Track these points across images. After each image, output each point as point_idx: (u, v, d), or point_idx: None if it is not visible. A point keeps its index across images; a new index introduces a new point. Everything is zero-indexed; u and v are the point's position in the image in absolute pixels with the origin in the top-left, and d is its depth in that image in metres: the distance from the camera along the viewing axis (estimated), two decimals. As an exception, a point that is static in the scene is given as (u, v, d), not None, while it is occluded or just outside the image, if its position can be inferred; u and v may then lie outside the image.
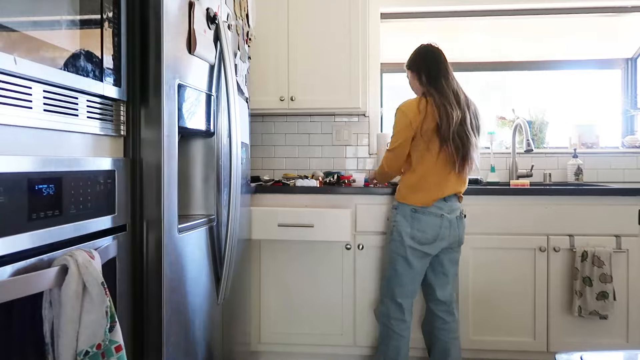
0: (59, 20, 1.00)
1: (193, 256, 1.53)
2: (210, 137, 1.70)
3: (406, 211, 2.04)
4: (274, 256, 2.42)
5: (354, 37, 2.65)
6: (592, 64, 3.13)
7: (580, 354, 1.23)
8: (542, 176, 2.92)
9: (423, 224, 2.01)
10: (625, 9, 3.00)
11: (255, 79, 2.63)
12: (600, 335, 2.28)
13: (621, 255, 2.27)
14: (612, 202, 2.28)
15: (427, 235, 2.01)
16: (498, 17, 3.09)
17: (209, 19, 1.60)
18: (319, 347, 2.42)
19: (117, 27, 1.22)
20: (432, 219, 2.01)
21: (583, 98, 3.15)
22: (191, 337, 1.52)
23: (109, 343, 1.00)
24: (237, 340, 2.07)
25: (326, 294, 2.40)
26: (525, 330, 2.32)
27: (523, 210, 2.31)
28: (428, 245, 2.02)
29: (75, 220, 1.05)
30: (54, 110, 1.00)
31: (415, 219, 2.02)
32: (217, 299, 1.73)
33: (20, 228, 0.89)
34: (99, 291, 0.98)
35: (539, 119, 3.06)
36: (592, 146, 2.98)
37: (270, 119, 3.08)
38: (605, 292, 2.21)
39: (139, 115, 1.31)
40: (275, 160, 3.11)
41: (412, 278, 2.06)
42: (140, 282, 1.32)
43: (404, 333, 2.08)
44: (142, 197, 1.32)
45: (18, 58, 0.88)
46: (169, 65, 1.34)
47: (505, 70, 3.22)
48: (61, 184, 1.00)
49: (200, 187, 1.71)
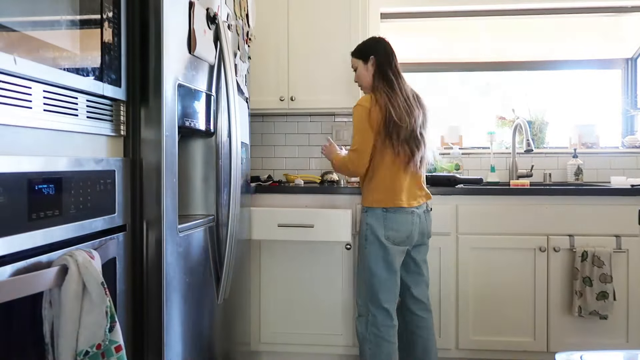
0: (59, 20, 1.00)
1: (193, 256, 1.53)
2: (210, 137, 1.70)
3: (377, 212, 1.98)
4: (274, 256, 2.42)
5: (353, 37, 2.64)
6: (592, 64, 3.13)
7: (580, 354, 1.24)
8: (542, 176, 2.92)
9: (396, 223, 1.97)
10: (625, 9, 3.00)
11: (255, 79, 2.63)
12: (600, 335, 2.28)
13: (621, 255, 2.27)
14: (612, 202, 2.28)
15: (401, 233, 1.97)
16: (498, 17, 3.09)
17: (209, 19, 1.60)
18: (319, 347, 2.42)
19: (117, 27, 1.22)
20: (404, 216, 1.97)
21: (583, 98, 3.15)
22: (191, 337, 1.52)
23: (108, 343, 1.00)
24: (237, 340, 2.07)
25: (326, 294, 2.40)
26: (525, 330, 2.32)
27: (523, 210, 2.31)
28: (402, 244, 1.99)
29: (75, 220, 1.05)
30: (54, 110, 1.00)
31: (387, 219, 1.97)
32: (217, 299, 1.73)
33: (20, 228, 0.89)
34: (98, 291, 0.98)
35: (539, 119, 3.06)
36: (592, 146, 2.98)
37: (270, 119, 3.08)
38: (605, 292, 2.21)
39: (139, 115, 1.31)
40: (275, 160, 3.10)
41: (395, 280, 2.00)
42: (140, 282, 1.31)
43: (394, 339, 2.00)
44: (142, 197, 1.32)
45: (18, 58, 0.88)
46: (169, 65, 1.34)
47: (505, 70, 3.22)
48: (61, 184, 1.00)
49: (200, 187, 1.71)
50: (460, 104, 3.24)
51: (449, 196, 2.35)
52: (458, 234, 2.35)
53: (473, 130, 3.19)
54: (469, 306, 2.34)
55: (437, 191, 2.32)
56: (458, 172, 2.87)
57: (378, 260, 1.98)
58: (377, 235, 1.97)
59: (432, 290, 2.28)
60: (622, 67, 3.12)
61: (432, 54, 3.23)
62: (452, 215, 2.35)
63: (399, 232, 1.97)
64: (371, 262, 1.99)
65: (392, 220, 1.97)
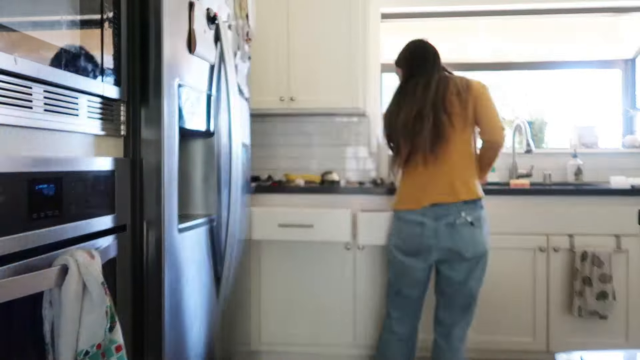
0: (59, 20, 1.00)
1: (193, 256, 1.53)
2: (210, 137, 1.70)
3: (393, 218, 1.96)
4: (274, 256, 2.42)
5: (353, 37, 2.65)
6: (592, 64, 3.13)
7: (580, 354, 1.24)
8: (542, 176, 2.92)
9: (403, 234, 1.89)
10: (625, 9, 3.00)
11: (255, 79, 2.63)
12: (600, 335, 2.28)
13: (621, 255, 2.27)
14: (612, 202, 2.28)
15: (409, 245, 1.86)
16: (498, 17, 3.09)
17: (209, 19, 1.60)
18: (319, 346, 2.42)
19: (117, 27, 1.22)
20: (411, 228, 1.85)
21: (583, 98, 3.15)
22: (191, 337, 1.52)
23: (109, 343, 1.00)
24: (237, 340, 2.07)
25: (326, 294, 2.40)
26: (525, 330, 2.32)
27: (523, 210, 2.31)
28: (414, 257, 1.87)
29: (75, 220, 1.05)
30: (54, 110, 1.00)
31: (396, 227, 1.92)
32: (217, 299, 1.73)
33: (20, 228, 0.89)
34: (99, 291, 0.98)
35: (539, 119, 3.06)
36: (592, 146, 2.98)
37: (270, 119, 3.08)
38: (605, 292, 2.21)
39: (139, 115, 1.31)
40: (275, 160, 3.10)
41: (399, 288, 1.95)
42: (140, 282, 1.31)
43: (390, 350, 1.96)
44: (142, 197, 1.32)
45: (18, 58, 0.88)
46: (169, 65, 1.34)
47: (505, 70, 3.22)
48: (61, 184, 1.00)
49: (200, 187, 1.71)
50: (460, 104, 3.24)
51: (449, 196, 2.35)
52: (458, 234, 2.35)
53: (473, 130, 3.19)
54: (469, 306, 2.34)
55: (437, 191, 2.32)
56: (458, 172, 2.86)
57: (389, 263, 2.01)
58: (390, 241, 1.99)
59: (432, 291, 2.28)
60: (621, 67, 3.12)
61: (432, 54, 3.23)
62: (452, 215, 2.35)
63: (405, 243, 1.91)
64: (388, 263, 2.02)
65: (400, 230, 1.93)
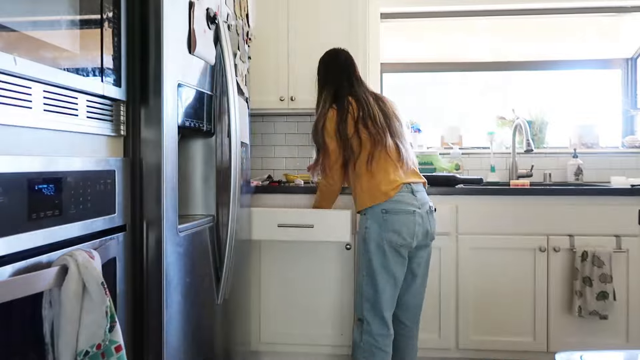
0: (59, 20, 1.00)
1: (193, 256, 1.53)
2: (210, 137, 1.70)
3: (377, 214, 1.90)
4: (274, 256, 2.42)
5: (353, 37, 2.64)
6: (592, 64, 3.13)
7: (580, 354, 1.24)
8: (542, 176, 2.92)
9: (397, 225, 1.87)
10: (625, 9, 3.00)
11: (255, 79, 2.63)
12: (600, 335, 2.28)
13: (621, 255, 2.27)
14: (612, 202, 2.28)
15: (404, 235, 1.86)
16: (498, 17, 3.09)
17: (209, 19, 1.60)
18: (319, 346, 2.42)
19: (117, 27, 1.22)
20: (405, 217, 1.87)
21: (583, 98, 3.15)
22: (191, 337, 1.52)
23: (108, 343, 1.00)
24: (237, 340, 2.07)
25: (326, 294, 2.40)
26: (525, 330, 2.32)
27: (523, 210, 2.31)
28: (405, 247, 1.89)
29: (75, 220, 1.05)
30: (54, 110, 1.00)
31: (387, 221, 1.88)
32: (217, 299, 1.73)
33: (20, 228, 0.89)
34: (98, 291, 0.98)
35: (539, 119, 3.06)
36: (592, 146, 2.98)
37: (270, 119, 3.08)
38: (605, 292, 2.21)
39: (139, 115, 1.31)
40: (275, 160, 3.10)
41: (394, 287, 1.92)
42: (140, 282, 1.31)
43: (388, 349, 1.93)
44: (142, 197, 1.32)
45: (18, 58, 0.88)
46: (169, 65, 1.34)
47: (505, 70, 3.22)
48: (61, 184, 1.00)
49: (200, 187, 1.71)
50: (460, 104, 3.24)
51: (449, 196, 2.35)
52: (458, 234, 2.35)
53: (473, 130, 3.19)
54: (469, 306, 2.34)
55: (437, 191, 2.32)
56: (458, 172, 2.87)
57: (379, 267, 1.90)
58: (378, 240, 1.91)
59: (432, 291, 2.29)
60: (622, 67, 3.12)
61: (432, 53, 3.23)
62: (452, 215, 2.35)
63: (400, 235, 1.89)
64: (371, 269, 1.92)
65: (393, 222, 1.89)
